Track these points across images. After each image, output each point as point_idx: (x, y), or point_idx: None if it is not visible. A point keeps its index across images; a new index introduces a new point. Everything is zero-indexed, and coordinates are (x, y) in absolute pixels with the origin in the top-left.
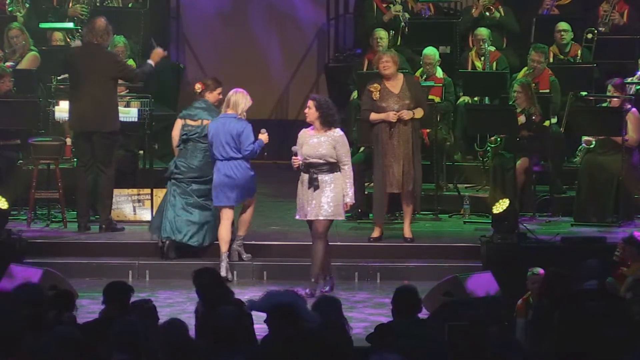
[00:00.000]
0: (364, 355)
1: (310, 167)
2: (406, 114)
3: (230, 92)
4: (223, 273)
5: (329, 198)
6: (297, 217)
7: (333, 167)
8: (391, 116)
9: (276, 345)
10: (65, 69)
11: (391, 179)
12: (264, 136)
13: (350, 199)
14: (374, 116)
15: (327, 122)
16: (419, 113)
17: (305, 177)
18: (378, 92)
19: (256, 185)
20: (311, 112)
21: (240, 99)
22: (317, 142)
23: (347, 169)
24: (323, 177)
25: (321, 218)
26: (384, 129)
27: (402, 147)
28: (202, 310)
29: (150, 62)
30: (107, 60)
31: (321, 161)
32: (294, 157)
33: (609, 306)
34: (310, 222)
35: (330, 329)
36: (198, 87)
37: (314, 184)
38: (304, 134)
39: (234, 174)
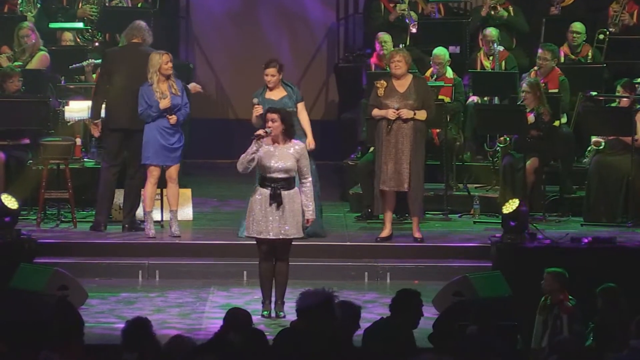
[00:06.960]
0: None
1: (272, 183)
2: (405, 113)
3: None
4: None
5: (294, 216)
6: (245, 234)
7: (291, 182)
8: (390, 113)
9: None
10: (104, 67)
11: (386, 175)
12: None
13: (311, 214)
14: (375, 112)
15: (289, 134)
16: (421, 115)
17: (264, 192)
18: (383, 89)
19: (144, 157)
20: (276, 125)
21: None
22: (279, 155)
23: (309, 183)
24: (284, 193)
25: (289, 237)
26: (383, 125)
27: (399, 145)
28: None
29: None
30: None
31: (284, 175)
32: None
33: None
34: (266, 241)
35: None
36: None
37: (277, 200)
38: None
39: None
